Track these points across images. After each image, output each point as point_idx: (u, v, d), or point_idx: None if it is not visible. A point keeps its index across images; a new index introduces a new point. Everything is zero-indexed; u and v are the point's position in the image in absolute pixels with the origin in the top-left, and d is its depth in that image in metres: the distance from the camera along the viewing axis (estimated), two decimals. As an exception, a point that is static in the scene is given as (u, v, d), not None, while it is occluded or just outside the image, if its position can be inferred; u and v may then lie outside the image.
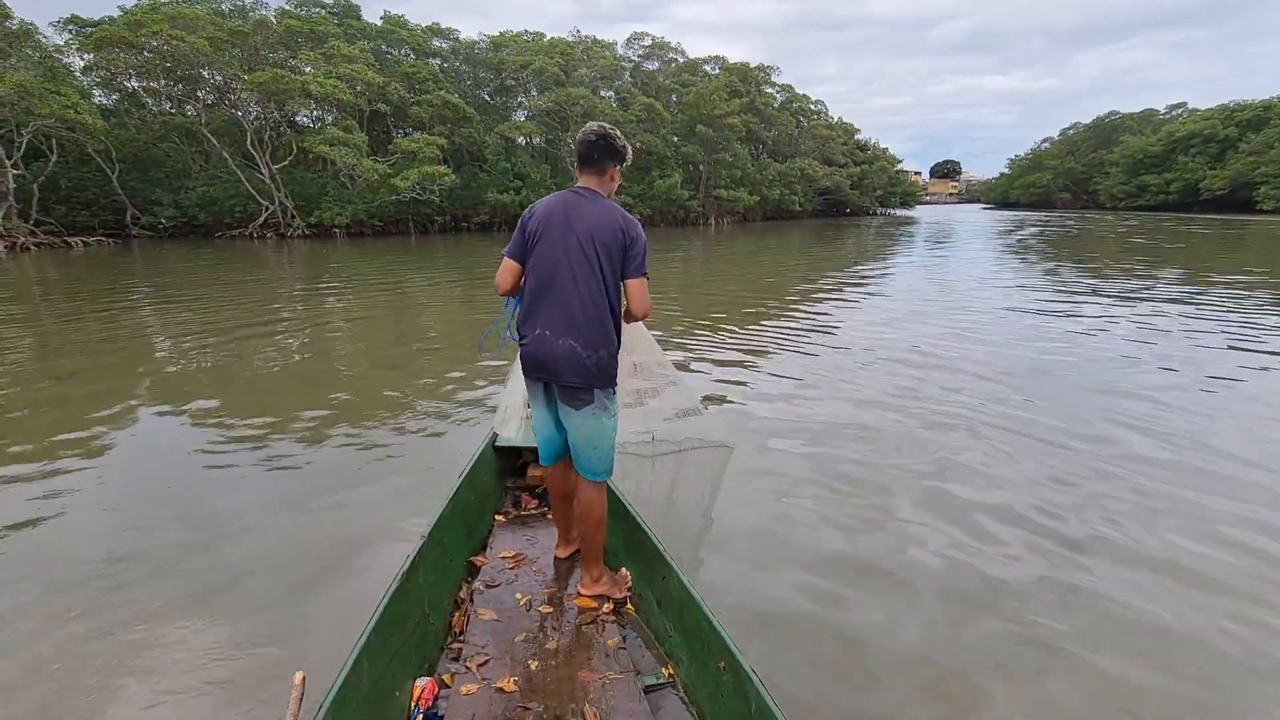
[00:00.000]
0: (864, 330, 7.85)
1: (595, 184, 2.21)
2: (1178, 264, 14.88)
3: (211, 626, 2.43)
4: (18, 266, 17.16)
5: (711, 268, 16.92)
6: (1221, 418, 4.57)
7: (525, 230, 2.19)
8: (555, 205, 2.17)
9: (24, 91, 20.73)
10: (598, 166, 2.19)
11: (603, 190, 2.21)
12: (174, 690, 2.11)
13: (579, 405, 2.16)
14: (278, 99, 26.44)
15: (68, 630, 2.41)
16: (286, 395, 5.50)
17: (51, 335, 8.15)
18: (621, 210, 2.18)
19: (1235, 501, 3.34)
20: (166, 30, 24.30)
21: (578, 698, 1.82)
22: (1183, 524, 3.14)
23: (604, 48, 41.72)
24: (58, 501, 3.49)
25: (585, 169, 2.20)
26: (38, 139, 23.28)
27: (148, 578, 2.74)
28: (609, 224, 2.11)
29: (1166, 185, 53.04)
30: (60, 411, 5.08)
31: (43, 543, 3.08)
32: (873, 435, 4.29)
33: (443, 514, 2.44)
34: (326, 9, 32.72)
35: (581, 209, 2.13)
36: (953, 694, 2.10)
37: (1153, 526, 3.11)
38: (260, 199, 28.06)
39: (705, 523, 3.16)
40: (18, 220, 22.63)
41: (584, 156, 2.19)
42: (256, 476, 3.80)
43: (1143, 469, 3.70)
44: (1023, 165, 78.93)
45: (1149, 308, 9.11)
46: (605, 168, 2.19)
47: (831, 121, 55.53)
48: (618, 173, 2.24)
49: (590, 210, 2.13)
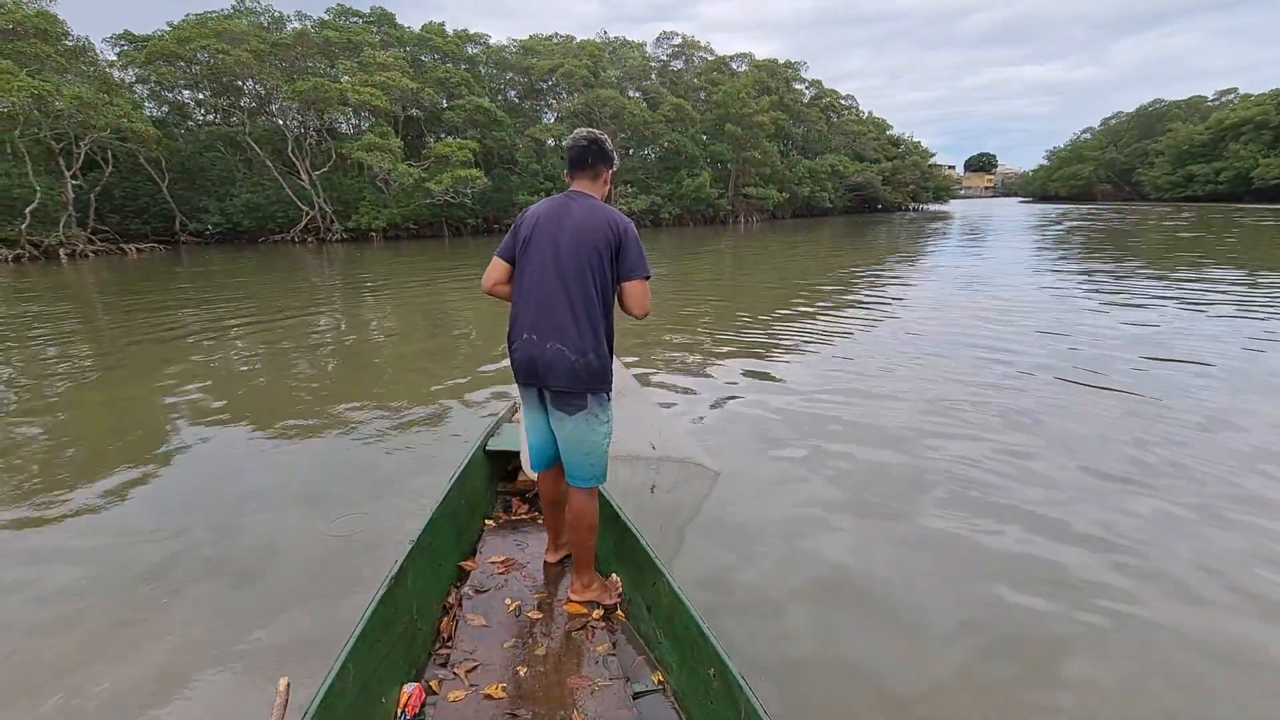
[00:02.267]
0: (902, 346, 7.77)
1: (588, 187, 2.20)
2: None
3: (195, 626, 2.43)
4: (76, 272, 18.04)
5: (746, 264, 16.89)
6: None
7: (518, 233, 2.19)
8: (547, 209, 2.16)
9: (82, 104, 21.74)
10: (591, 170, 2.19)
11: (595, 194, 2.20)
12: (152, 694, 2.10)
13: (571, 411, 2.14)
14: (317, 107, 27.24)
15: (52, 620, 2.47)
16: (321, 391, 5.68)
17: (104, 331, 8.60)
18: (612, 210, 2.16)
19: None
20: (214, 44, 25.27)
21: (567, 704, 1.81)
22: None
23: (632, 48, 41.93)
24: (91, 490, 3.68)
25: (578, 173, 2.20)
26: (93, 150, 24.38)
27: (146, 575, 2.79)
28: (598, 225, 2.09)
29: (1215, 175, 50.98)
30: (109, 399, 5.40)
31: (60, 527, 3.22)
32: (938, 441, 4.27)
33: (432, 518, 2.41)
34: (364, 18, 33.54)
35: (572, 211, 2.12)
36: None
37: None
38: (300, 204, 28.92)
39: (677, 538, 3.04)
40: (76, 229, 23.75)
41: (576, 160, 2.19)
42: (278, 472, 3.89)
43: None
44: (1062, 157, 76.72)
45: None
46: (598, 171, 2.20)
47: (863, 116, 54.80)
48: (609, 176, 2.24)
49: (580, 212, 2.11)
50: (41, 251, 22.68)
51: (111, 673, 2.20)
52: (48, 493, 3.67)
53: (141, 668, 2.22)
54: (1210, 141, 52.58)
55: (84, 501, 3.54)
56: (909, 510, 3.23)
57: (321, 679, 1.54)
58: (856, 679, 2.15)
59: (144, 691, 2.11)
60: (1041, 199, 78.20)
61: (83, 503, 3.53)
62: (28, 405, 5.43)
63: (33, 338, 8.40)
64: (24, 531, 3.25)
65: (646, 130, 35.78)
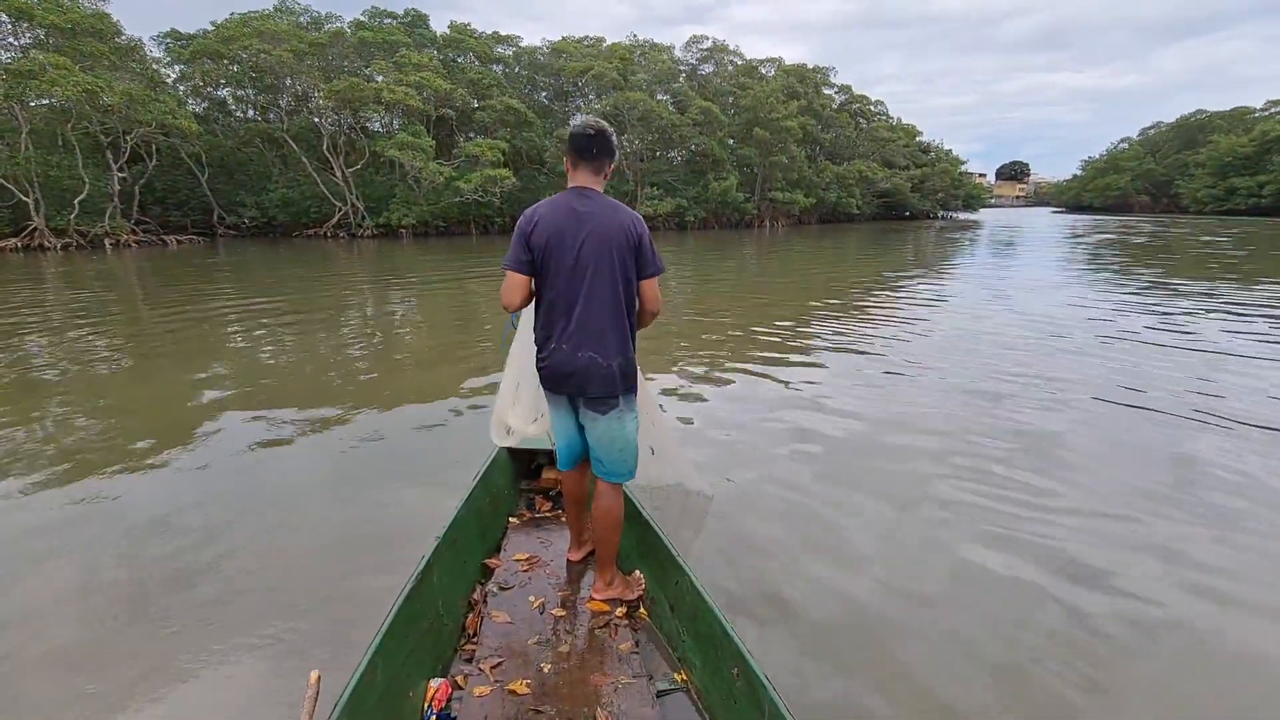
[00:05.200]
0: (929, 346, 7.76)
1: (591, 181, 2.13)
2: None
3: (231, 620, 2.46)
4: (120, 261, 18.70)
5: (769, 269, 16.91)
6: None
7: (529, 242, 2.07)
8: (559, 212, 2.07)
9: (131, 100, 22.55)
10: (595, 163, 2.11)
11: (598, 187, 2.14)
12: (186, 685, 2.14)
13: (604, 410, 2.14)
14: (352, 106, 27.86)
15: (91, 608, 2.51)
16: (343, 384, 5.85)
17: (147, 322, 8.96)
18: (625, 207, 2.13)
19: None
20: (255, 44, 26.02)
21: (590, 701, 1.81)
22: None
23: (661, 51, 42.03)
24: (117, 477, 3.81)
25: (583, 164, 2.10)
26: (138, 144, 25.24)
27: (176, 565, 2.83)
28: (617, 225, 2.05)
29: (1259, 188, 49.41)
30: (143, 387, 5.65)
31: (89, 514, 3.30)
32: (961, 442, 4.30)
33: (457, 515, 2.45)
34: (397, 20, 34.19)
35: (587, 212, 2.05)
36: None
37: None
38: (334, 200, 29.58)
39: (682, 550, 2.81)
40: (121, 220, 24.61)
41: (582, 149, 2.08)
42: (306, 462, 3.99)
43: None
44: (1097, 167, 74.92)
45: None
46: (601, 165, 2.13)
47: (892, 123, 54.20)
48: (611, 169, 2.18)
49: (596, 212, 2.06)
50: (88, 241, 23.59)
51: (140, 661, 2.24)
52: (82, 475, 3.76)
53: (171, 657, 2.26)
54: (1255, 154, 50.96)
55: (114, 485, 3.64)
56: (933, 531, 3.12)
57: (350, 672, 1.58)
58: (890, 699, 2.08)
59: (175, 680, 2.16)
60: (1075, 209, 76.54)
61: (113, 486, 3.62)
62: (71, 388, 5.68)
63: (78, 323, 8.79)
64: (53, 511, 3.34)
65: (674, 133, 35.84)
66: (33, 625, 2.45)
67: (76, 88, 20.74)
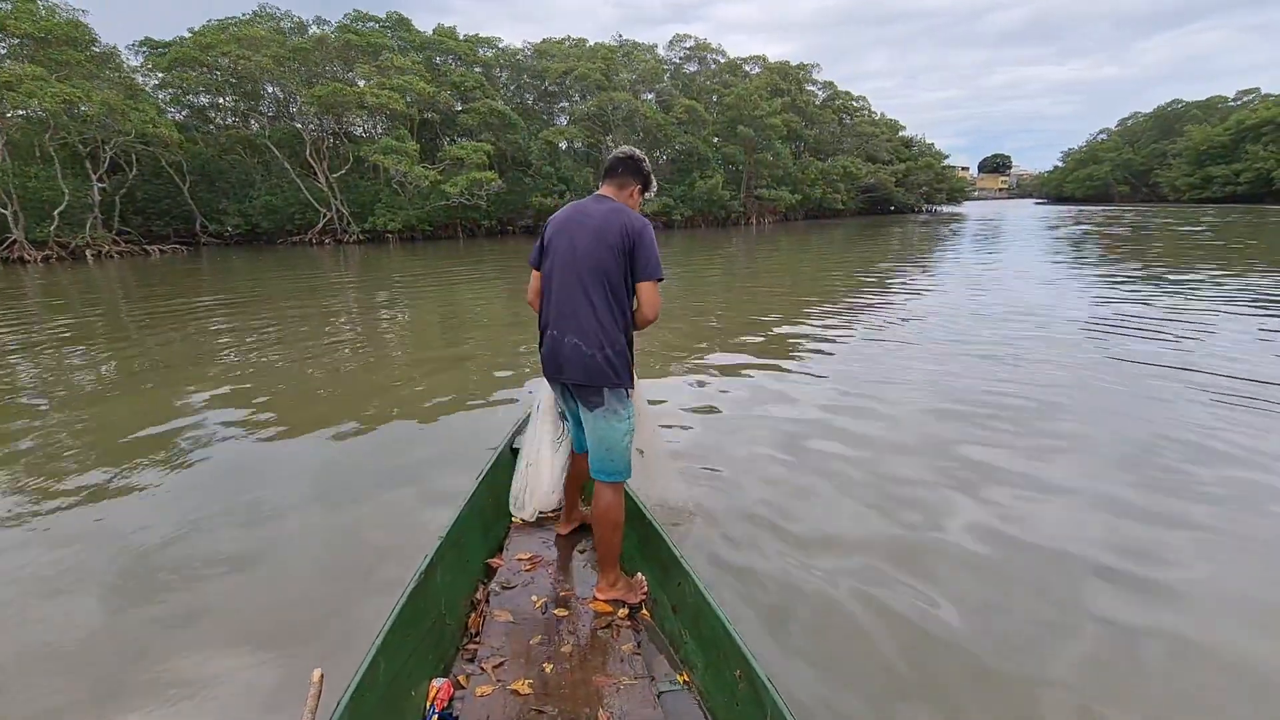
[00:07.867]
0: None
1: (611, 193, 2.28)
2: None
3: (231, 621, 2.47)
4: (102, 272, 18.49)
5: (756, 265, 17.00)
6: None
7: (542, 240, 2.28)
8: (569, 212, 2.25)
9: (109, 109, 22.29)
10: (618, 180, 2.29)
11: (618, 199, 2.28)
12: (190, 684, 2.15)
13: (592, 406, 2.21)
14: (335, 111, 27.71)
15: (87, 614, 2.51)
16: (335, 391, 5.83)
17: (136, 337, 8.89)
18: (632, 213, 2.21)
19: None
20: (235, 50, 25.81)
21: (592, 702, 1.81)
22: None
23: (645, 51, 42.10)
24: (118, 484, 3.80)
25: (608, 179, 2.31)
26: (118, 154, 24.97)
27: (178, 569, 2.83)
28: (614, 224, 2.15)
29: (1235, 176, 50.30)
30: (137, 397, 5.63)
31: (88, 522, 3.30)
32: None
33: (460, 515, 2.46)
34: (380, 23, 34.02)
35: (591, 212, 2.20)
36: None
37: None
38: (318, 206, 29.41)
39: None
40: (102, 230, 24.34)
41: (608, 169, 2.31)
42: (302, 468, 3.97)
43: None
44: (1078, 158, 75.93)
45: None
46: (625, 182, 2.28)
47: (875, 118, 54.64)
48: (638, 193, 2.32)
49: (598, 212, 2.19)
50: (69, 252, 23.32)
51: (144, 664, 2.25)
52: (71, 487, 3.74)
53: (173, 659, 2.26)
54: (1230, 143, 51.87)
55: (105, 496, 3.63)
56: (925, 524, 3.14)
57: (352, 672, 1.58)
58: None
59: (175, 680, 2.17)
60: (1057, 200, 77.45)
61: (104, 497, 3.61)
62: (57, 402, 5.63)
63: (61, 339, 8.71)
64: (45, 520, 3.34)
65: (659, 133, 35.94)
66: (30, 628, 2.45)
67: (54, 98, 20.50)
